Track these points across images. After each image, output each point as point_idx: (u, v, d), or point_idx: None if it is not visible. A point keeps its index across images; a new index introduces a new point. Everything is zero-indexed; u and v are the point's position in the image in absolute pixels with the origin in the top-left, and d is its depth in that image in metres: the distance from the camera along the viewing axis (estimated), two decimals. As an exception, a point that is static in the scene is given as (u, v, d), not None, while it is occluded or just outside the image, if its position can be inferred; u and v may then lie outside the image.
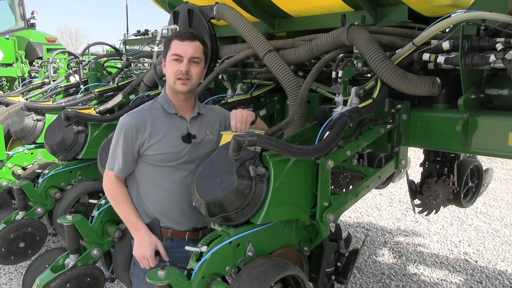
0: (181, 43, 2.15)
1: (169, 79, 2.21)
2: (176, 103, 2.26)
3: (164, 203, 2.26)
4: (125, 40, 5.57)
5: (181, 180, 2.24)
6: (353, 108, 2.22)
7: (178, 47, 2.15)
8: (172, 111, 2.25)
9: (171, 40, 2.19)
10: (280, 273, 1.88)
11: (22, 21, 10.86)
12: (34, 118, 4.23)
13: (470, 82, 2.26)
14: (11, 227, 3.24)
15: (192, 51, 2.16)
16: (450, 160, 3.43)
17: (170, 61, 2.17)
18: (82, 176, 3.62)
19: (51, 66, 6.21)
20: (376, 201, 6.74)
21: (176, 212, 2.27)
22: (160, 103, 2.27)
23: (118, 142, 2.21)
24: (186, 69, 2.14)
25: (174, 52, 2.15)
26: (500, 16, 2.08)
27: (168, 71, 2.20)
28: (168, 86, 2.26)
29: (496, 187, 7.48)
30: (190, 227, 2.31)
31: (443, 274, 4.39)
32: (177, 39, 2.17)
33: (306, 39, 2.88)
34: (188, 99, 2.29)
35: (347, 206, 2.30)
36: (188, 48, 2.15)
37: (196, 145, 2.25)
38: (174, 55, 2.15)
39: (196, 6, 3.20)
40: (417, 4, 2.59)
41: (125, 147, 2.20)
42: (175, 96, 2.26)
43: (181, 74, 2.15)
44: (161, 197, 2.25)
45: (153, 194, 2.26)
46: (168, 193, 2.25)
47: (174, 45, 2.17)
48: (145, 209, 2.29)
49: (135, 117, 2.21)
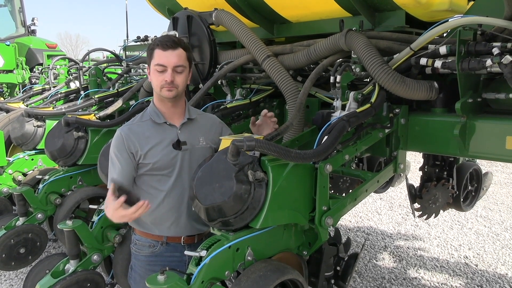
0: (164, 52, 2.13)
1: (155, 87, 2.22)
2: (165, 111, 2.27)
3: (158, 212, 2.26)
4: (125, 46, 5.59)
5: (174, 188, 2.25)
6: (351, 113, 2.23)
7: (162, 57, 2.13)
8: (161, 120, 2.25)
9: (154, 49, 2.16)
10: (279, 278, 1.89)
11: (22, 28, 10.89)
12: (35, 124, 4.24)
13: (467, 86, 2.27)
14: (11, 233, 3.25)
15: (175, 60, 2.14)
16: (449, 164, 3.43)
17: (154, 71, 2.16)
18: (82, 181, 3.63)
19: (51, 72, 6.23)
20: (376, 205, 6.74)
21: (170, 221, 2.27)
22: (149, 114, 2.27)
23: (112, 158, 2.22)
24: (171, 79, 2.14)
25: (157, 62, 2.13)
26: (496, 21, 2.10)
27: (153, 80, 2.20)
28: (155, 94, 2.27)
29: (496, 191, 7.48)
30: (185, 234, 2.31)
31: (443, 278, 4.38)
32: (159, 48, 2.14)
33: (305, 44, 2.90)
34: (177, 105, 2.28)
35: (346, 210, 2.30)
36: (171, 57, 2.13)
37: (187, 152, 2.25)
38: (157, 65, 2.14)
39: (195, 12, 3.22)
40: (414, 9, 2.61)
41: (120, 156, 2.20)
42: (163, 103, 2.26)
43: (166, 84, 2.15)
44: (155, 206, 2.23)
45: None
46: (162, 201, 2.25)
47: (157, 54, 2.14)
48: (139, 219, 2.28)
49: (124, 130, 2.23)
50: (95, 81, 4.98)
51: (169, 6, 3.88)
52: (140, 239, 2.33)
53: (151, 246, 2.30)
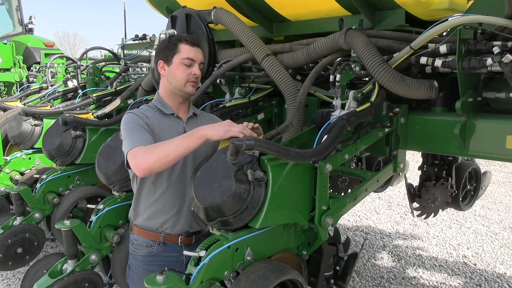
0: (192, 48, 2.23)
1: (178, 81, 2.23)
2: (173, 105, 2.30)
3: (160, 202, 2.26)
4: (123, 44, 5.57)
5: (178, 180, 2.25)
6: (351, 112, 2.22)
7: (190, 52, 2.22)
8: (169, 111, 2.29)
9: (178, 44, 2.22)
10: (279, 277, 1.88)
11: (20, 26, 10.87)
12: (32, 123, 4.21)
13: (467, 85, 2.26)
14: (8, 232, 3.22)
15: (201, 57, 2.28)
16: (448, 163, 3.43)
17: (181, 64, 2.22)
18: (80, 181, 3.61)
19: (49, 71, 6.19)
20: (375, 205, 6.74)
21: (171, 213, 2.27)
22: (156, 106, 2.29)
23: (129, 127, 2.11)
24: (200, 73, 2.25)
25: (186, 56, 2.21)
26: (496, 19, 2.09)
27: (178, 73, 2.23)
28: (171, 88, 2.27)
29: (494, 190, 7.49)
30: (184, 230, 2.30)
31: (442, 277, 4.38)
32: (186, 43, 2.23)
33: (304, 43, 2.89)
34: (186, 101, 2.35)
35: (346, 209, 2.30)
36: (198, 54, 2.26)
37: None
38: (186, 59, 2.21)
39: (194, 10, 3.20)
40: (414, 8, 2.60)
41: (140, 125, 2.12)
42: (173, 97, 2.29)
43: (194, 78, 2.23)
44: (158, 196, 2.25)
45: (150, 193, 2.26)
46: (164, 192, 2.25)
47: (184, 49, 2.22)
48: (140, 210, 2.30)
49: (136, 112, 2.23)
50: (93, 80, 4.96)
51: (168, 4, 3.86)
52: (138, 239, 2.32)
53: (148, 246, 2.29)
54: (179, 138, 2.02)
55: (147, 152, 1.97)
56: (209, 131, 2.00)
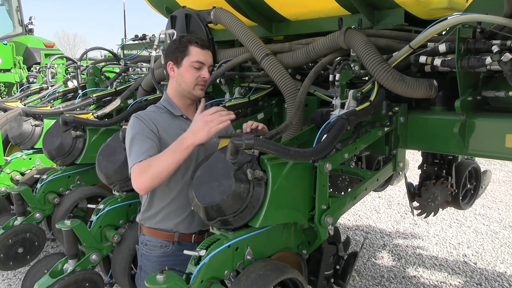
0: (202, 50, 2.24)
1: (187, 84, 2.25)
2: (182, 106, 2.32)
3: (174, 204, 2.27)
4: (123, 45, 5.58)
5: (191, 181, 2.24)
6: (351, 111, 2.22)
7: (200, 55, 2.23)
8: (178, 113, 2.30)
9: (188, 46, 2.22)
10: (279, 277, 1.88)
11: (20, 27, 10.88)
12: (32, 123, 4.22)
13: (466, 84, 2.26)
14: (9, 232, 3.23)
15: (211, 60, 2.29)
16: (448, 162, 3.43)
17: (190, 67, 2.22)
18: (80, 181, 3.62)
19: (49, 72, 6.20)
20: (375, 204, 6.75)
21: (186, 213, 2.28)
22: (165, 106, 2.30)
23: (134, 137, 2.13)
24: (209, 76, 2.26)
25: (197, 59, 2.22)
26: (496, 18, 2.09)
27: (187, 76, 2.23)
28: (176, 90, 2.29)
29: (494, 189, 7.49)
30: (197, 229, 2.31)
31: (442, 277, 4.39)
32: (197, 46, 2.23)
33: (303, 42, 2.89)
34: (194, 103, 2.36)
35: (346, 209, 2.30)
36: (208, 57, 2.26)
37: (202, 146, 2.20)
38: (197, 62, 2.22)
39: (194, 10, 3.21)
40: (413, 7, 2.60)
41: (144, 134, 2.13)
42: (182, 99, 2.31)
43: (203, 81, 2.24)
44: (172, 197, 2.26)
45: (165, 194, 2.26)
46: (178, 193, 2.26)
47: (194, 51, 2.22)
48: (153, 212, 2.30)
49: (142, 115, 2.22)
50: (93, 80, 4.96)
51: (167, 4, 3.87)
52: (151, 240, 2.31)
53: (162, 246, 2.29)
54: (167, 153, 2.03)
55: (142, 172, 2.03)
56: (194, 139, 2.02)
